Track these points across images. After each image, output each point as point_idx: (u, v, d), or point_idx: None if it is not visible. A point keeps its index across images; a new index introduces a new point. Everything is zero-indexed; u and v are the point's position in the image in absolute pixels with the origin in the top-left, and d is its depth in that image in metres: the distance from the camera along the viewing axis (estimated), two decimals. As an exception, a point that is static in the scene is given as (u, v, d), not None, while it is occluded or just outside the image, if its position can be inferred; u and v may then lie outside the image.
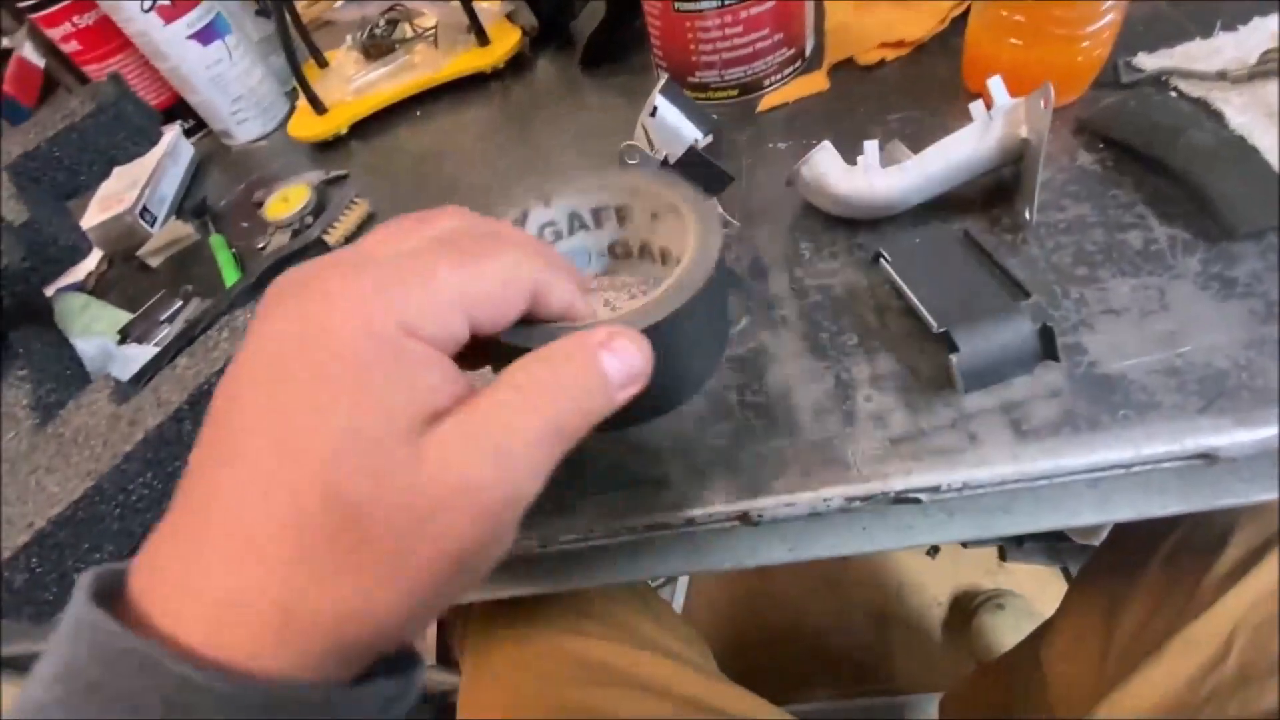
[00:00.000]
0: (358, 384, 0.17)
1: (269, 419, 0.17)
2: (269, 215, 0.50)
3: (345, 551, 0.16)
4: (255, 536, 0.16)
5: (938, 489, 0.27)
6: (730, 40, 0.42)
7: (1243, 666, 0.38)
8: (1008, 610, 0.98)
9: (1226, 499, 0.31)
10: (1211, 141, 0.32)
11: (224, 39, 0.57)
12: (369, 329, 0.17)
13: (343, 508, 0.16)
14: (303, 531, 0.16)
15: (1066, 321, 0.29)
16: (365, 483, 0.16)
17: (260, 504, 0.16)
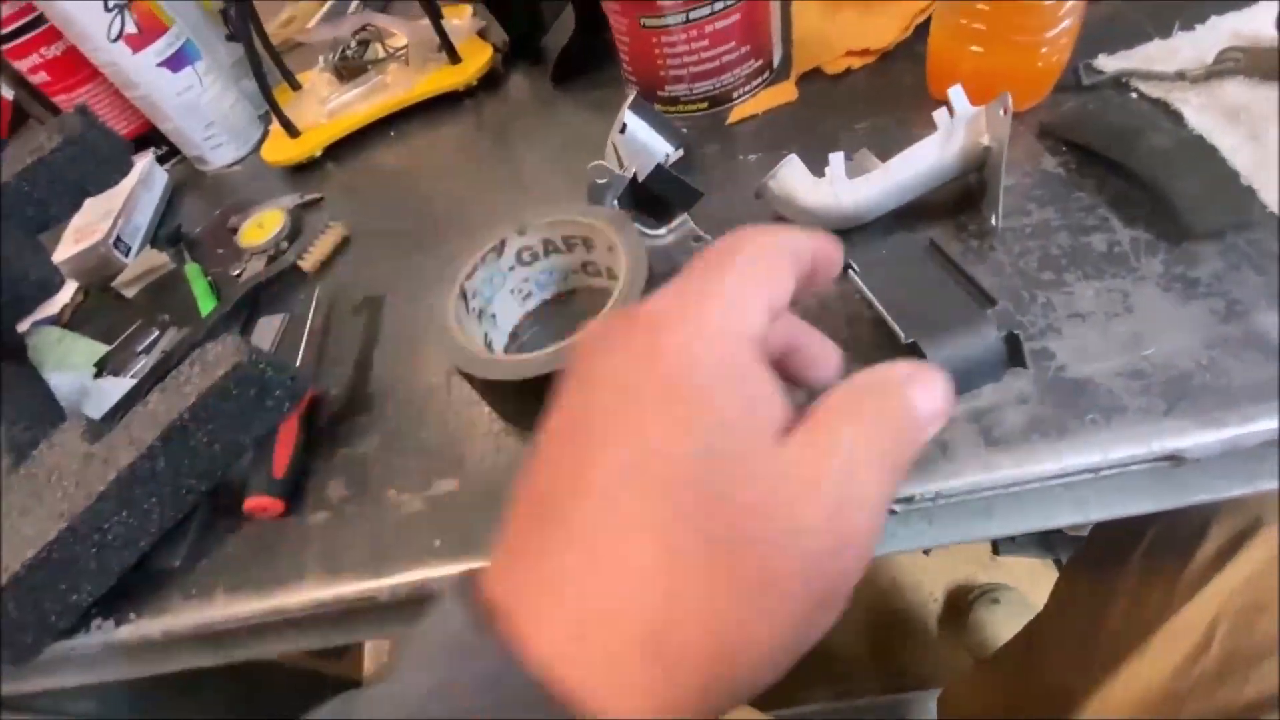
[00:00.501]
0: (712, 400, 0.16)
1: (625, 444, 0.16)
2: (243, 242, 0.50)
3: (723, 578, 0.15)
4: (626, 560, 0.15)
5: (911, 499, 0.27)
6: (697, 54, 0.42)
7: (1225, 656, 0.39)
8: (1003, 604, 0.98)
9: (1199, 495, 0.31)
10: (1170, 143, 0.32)
11: (194, 65, 0.57)
12: (709, 343, 0.17)
13: (719, 530, 0.15)
14: (676, 555, 0.15)
15: (1034, 327, 0.30)
16: (738, 504, 0.16)
17: (630, 532, 0.16)
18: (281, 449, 0.35)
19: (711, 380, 0.17)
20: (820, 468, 0.16)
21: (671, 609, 0.15)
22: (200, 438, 0.33)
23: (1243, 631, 0.38)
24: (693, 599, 0.15)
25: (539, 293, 0.38)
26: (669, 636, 0.15)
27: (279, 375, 0.34)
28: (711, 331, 0.17)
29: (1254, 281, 0.28)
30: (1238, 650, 0.38)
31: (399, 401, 0.38)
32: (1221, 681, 0.38)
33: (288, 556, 0.33)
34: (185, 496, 0.34)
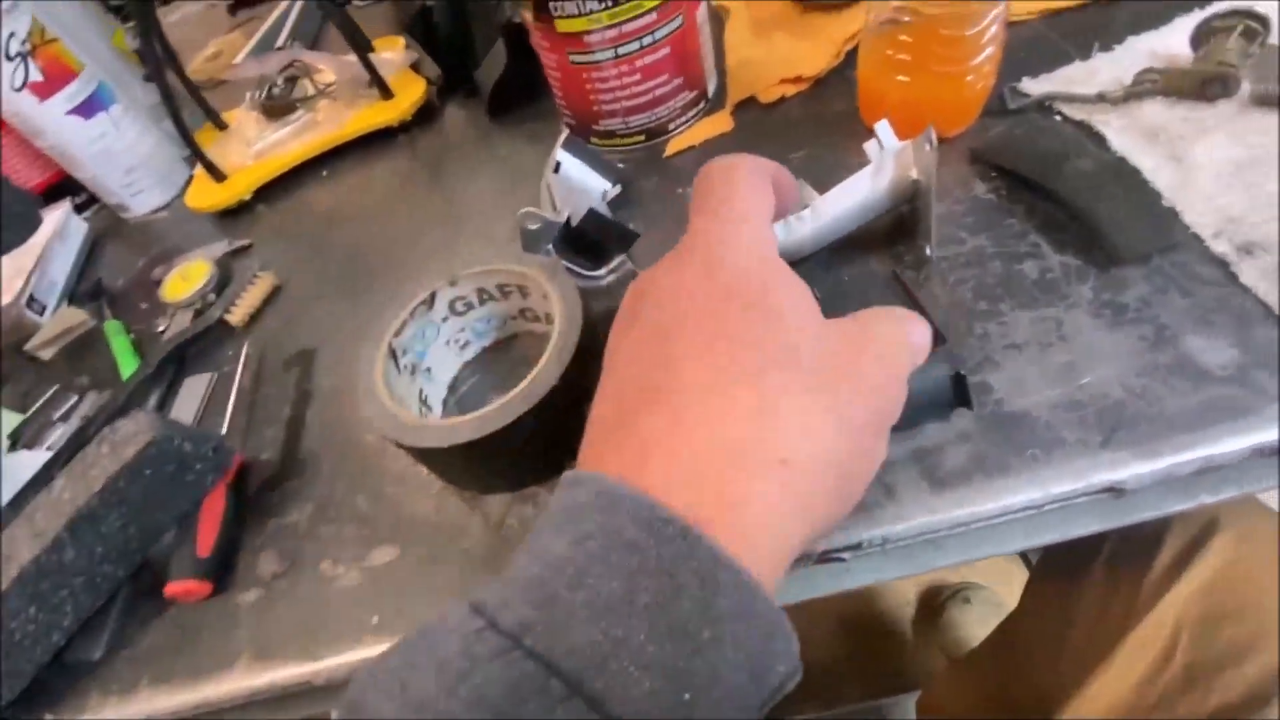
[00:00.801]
0: (771, 295, 0.21)
1: (711, 345, 0.20)
2: (167, 296, 0.47)
3: (805, 401, 0.20)
4: (718, 409, 0.19)
5: (859, 546, 0.27)
6: (629, 89, 0.41)
7: (1188, 666, 0.39)
8: (974, 603, 0.99)
9: (1143, 514, 0.31)
10: (1094, 166, 0.33)
11: (109, 110, 0.54)
12: (752, 257, 0.22)
13: (823, 385, 0.20)
14: (756, 392, 0.20)
15: (972, 359, 0.30)
16: (830, 368, 0.21)
17: (747, 389, 0.20)
18: (206, 525, 0.33)
19: (764, 283, 0.21)
20: (869, 343, 0.22)
21: (776, 435, 0.19)
22: (113, 522, 0.31)
23: (1204, 641, 0.38)
24: (793, 425, 0.19)
25: (477, 341, 0.37)
26: (788, 455, 0.19)
27: (199, 447, 0.32)
28: (749, 247, 0.22)
29: (1180, 305, 0.29)
30: (1200, 660, 0.38)
31: (334, 464, 0.36)
32: (1186, 693, 0.38)
33: (216, 642, 0.31)
34: (101, 585, 0.32)
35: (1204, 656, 0.39)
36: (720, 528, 0.17)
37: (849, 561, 0.28)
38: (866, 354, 0.21)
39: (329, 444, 0.37)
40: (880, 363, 0.22)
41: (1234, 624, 0.38)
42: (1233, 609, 0.39)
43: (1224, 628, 0.39)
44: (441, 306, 0.34)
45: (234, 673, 0.30)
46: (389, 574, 0.31)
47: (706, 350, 0.20)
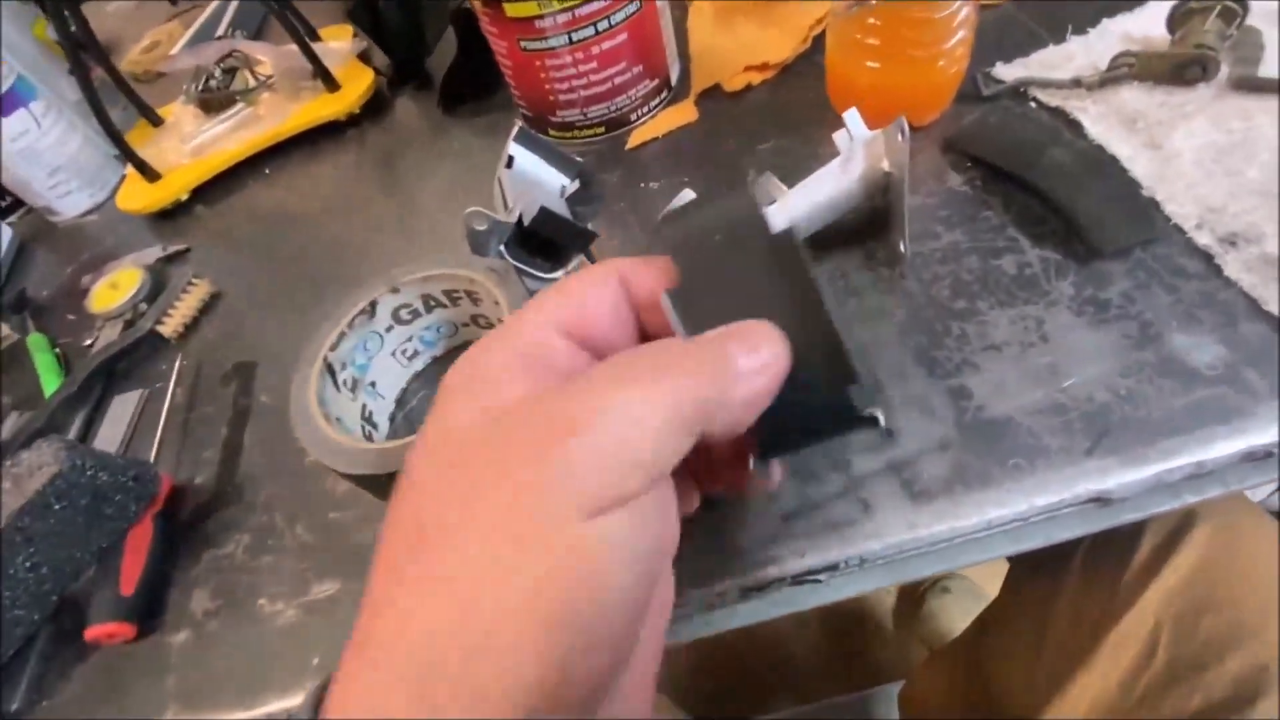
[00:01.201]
0: (438, 416, 0.18)
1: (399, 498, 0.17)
2: (95, 307, 0.44)
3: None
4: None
5: (836, 567, 0.25)
6: (586, 77, 0.39)
7: (1169, 663, 0.38)
8: (954, 593, 0.99)
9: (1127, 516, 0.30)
10: (1071, 156, 0.31)
11: (29, 106, 0.50)
12: (454, 399, 0.18)
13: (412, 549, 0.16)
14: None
15: (950, 362, 0.28)
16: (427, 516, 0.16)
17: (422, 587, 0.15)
18: (131, 560, 0.30)
19: (447, 392, 0.18)
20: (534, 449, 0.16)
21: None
22: (20, 563, 0.28)
23: (1185, 638, 0.38)
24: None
25: (426, 351, 0.34)
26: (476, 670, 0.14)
27: (118, 476, 0.30)
28: (465, 358, 0.18)
29: (1163, 301, 0.27)
30: (1181, 657, 0.38)
31: (273, 489, 0.33)
32: (1167, 691, 0.38)
33: (143, 689, 0.29)
34: (15, 630, 0.29)
35: (1186, 652, 0.38)
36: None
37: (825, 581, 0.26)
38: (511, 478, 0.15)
39: (268, 467, 0.34)
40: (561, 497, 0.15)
41: (1214, 617, 0.38)
42: (1213, 602, 0.38)
43: (1205, 621, 0.38)
44: (384, 315, 0.31)
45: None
46: (331, 610, 0.29)
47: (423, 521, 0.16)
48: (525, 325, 0.19)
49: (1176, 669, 0.38)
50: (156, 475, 0.32)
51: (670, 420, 0.16)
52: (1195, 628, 0.38)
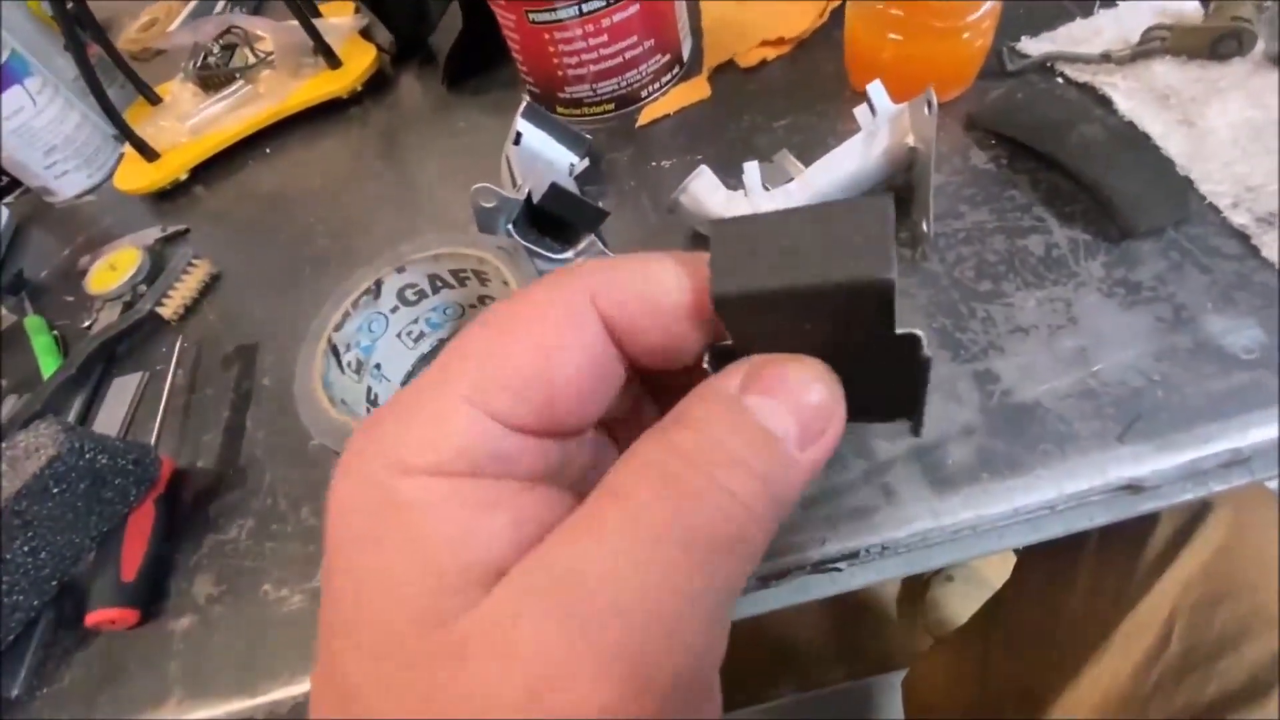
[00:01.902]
0: (348, 569, 0.12)
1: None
2: (93, 288, 0.43)
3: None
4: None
5: (856, 555, 0.24)
6: (596, 51, 0.38)
7: (1185, 652, 0.38)
8: (957, 580, 0.99)
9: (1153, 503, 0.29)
10: (1102, 133, 0.30)
11: (23, 83, 0.49)
12: (345, 500, 0.12)
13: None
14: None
15: (975, 345, 0.27)
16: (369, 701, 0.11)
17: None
18: (132, 545, 0.30)
19: (352, 556, 0.12)
20: (520, 621, 0.10)
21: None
22: (19, 548, 0.27)
23: (1200, 626, 0.37)
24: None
25: (433, 332, 0.34)
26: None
27: (117, 460, 0.29)
28: (358, 474, 0.12)
29: (1198, 282, 0.26)
30: (1197, 646, 0.37)
31: (277, 473, 0.32)
32: (1183, 680, 0.37)
33: (145, 676, 0.28)
34: (13, 615, 0.28)
35: (1201, 640, 0.37)
36: None
37: (845, 570, 0.25)
38: (495, 666, 0.10)
39: (272, 451, 0.33)
40: (518, 675, 0.10)
41: (1231, 605, 0.37)
42: (1229, 590, 0.38)
43: (1221, 610, 0.37)
44: (389, 296, 0.30)
45: (165, 709, 0.27)
46: (337, 596, 0.28)
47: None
48: (449, 419, 0.12)
49: (1191, 657, 0.37)
50: (157, 458, 0.31)
51: (732, 592, 0.11)
52: (1211, 616, 0.37)
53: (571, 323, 0.12)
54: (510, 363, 0.12)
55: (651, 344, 0.13)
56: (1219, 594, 0.38)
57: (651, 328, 0.13)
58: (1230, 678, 0.36)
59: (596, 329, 0.13)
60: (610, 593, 0.10)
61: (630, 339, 0.13)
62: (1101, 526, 0.47)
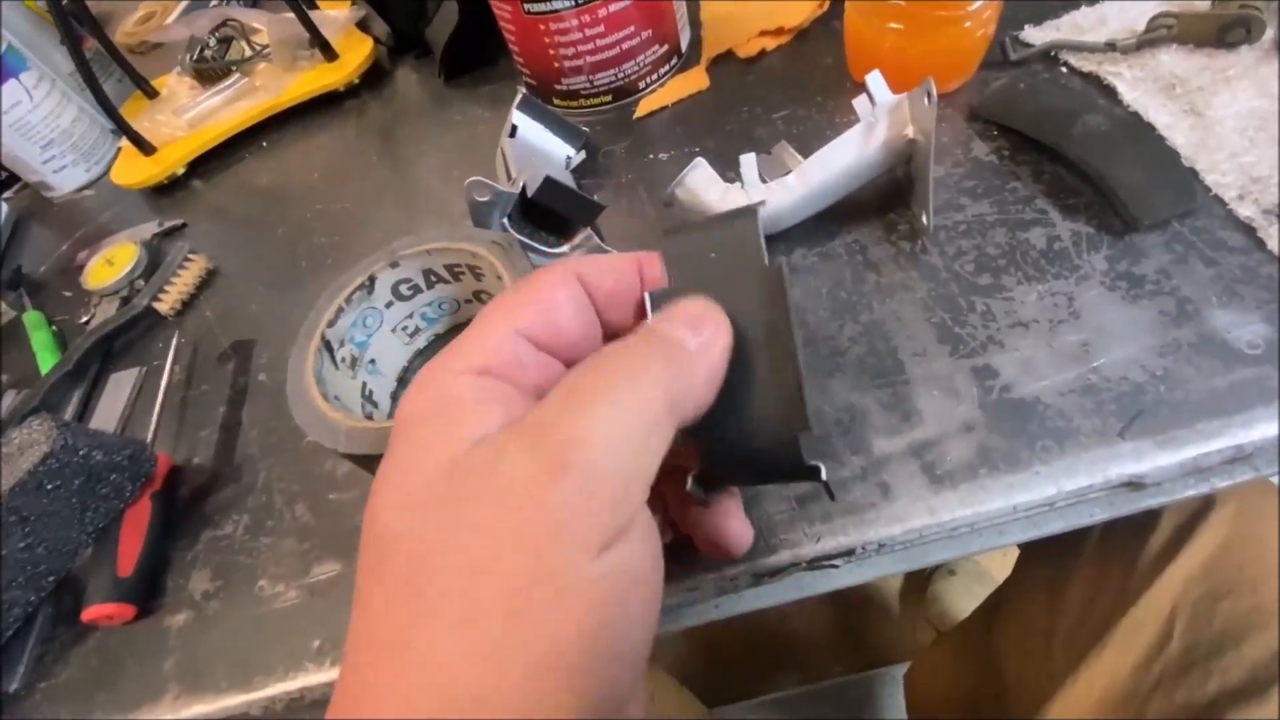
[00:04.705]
0: (391, 452, 0.16)
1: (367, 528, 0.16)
2: (91, 283, 0.43)
3: (394, 608, 0.15)
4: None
5: (852, 552, 0.24)
6: (593, 42, 0.37)
7: (1185, 649, 0.37)
8: (959, 575, 0.99)
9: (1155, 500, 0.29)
10: (1106, 124, 0.29)
11: (19, 77, 0.49)
12: (410, 396, 0.17)
13: (375, 564, 0.15)
14: (359, 597, 0.15)
15: (974, 340, 0.27)
16: (396, 530, 0.15)
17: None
18: (129, 540, 0.30)
19: (407, 431, 0.16)
20: (523, 468, 0.15)
21: (364, 661, 0.15)
22: (15, 545, 0.27)
23: (1202, 622, 0.37)
24: (382, 644, 0.14)
25: (428, 327, 0.33)
26: (372, 702, 0.14)
27: (112, 455, 0.29)
28: (423, 381, 0.17)
29: (1203, 275, 0.26)
30: (1198, 642, 0.37)
31: (272, 469, 0.32)
32: (1183, 676, 0.37)
33: (142, 671, 0.28)
34: (11, 611, 0.28)
35: (1203, 637, 0.37)
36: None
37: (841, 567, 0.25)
38: (509, 495, 0.14)
39: (267, 446, 0.33)
40: (526, 500, 0.14)
41: (1233, 601, 0.37)
42: (1231, 587, 0.37)
43: (1223, 606, 0.37)
44: (383, 291, 0.30)
45: (162, 704, 0.27)
46: (331, 592, 0.28)
47: (369, 552, 0.16)
48: (490, 337, 0.17)
49: (1193, 654, 0.37)
50: (152, 454, 0.31)
51: (648, 426, 0.15)
52: (1213, 613, 0.37)
53: (568, 288, 0.18)
54: (531, 300, 0.18)
55: (617, 318, 0.19)
56: (1221, 591, 0.37)
57: (617, 306, 0.19)
58: (1231, 675, 0.36)
59: (583, 296, 0.19)
60: (566, 429, 0.15)
61: (604, 310, 0.19)
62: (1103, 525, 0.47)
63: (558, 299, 0.18)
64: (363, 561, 0.16)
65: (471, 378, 0.16)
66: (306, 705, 0.26)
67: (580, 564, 0.14)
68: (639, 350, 0.16)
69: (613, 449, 0.15)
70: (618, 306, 0.19)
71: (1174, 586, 0.39)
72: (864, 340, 0.28)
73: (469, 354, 0.17)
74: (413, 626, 0.14)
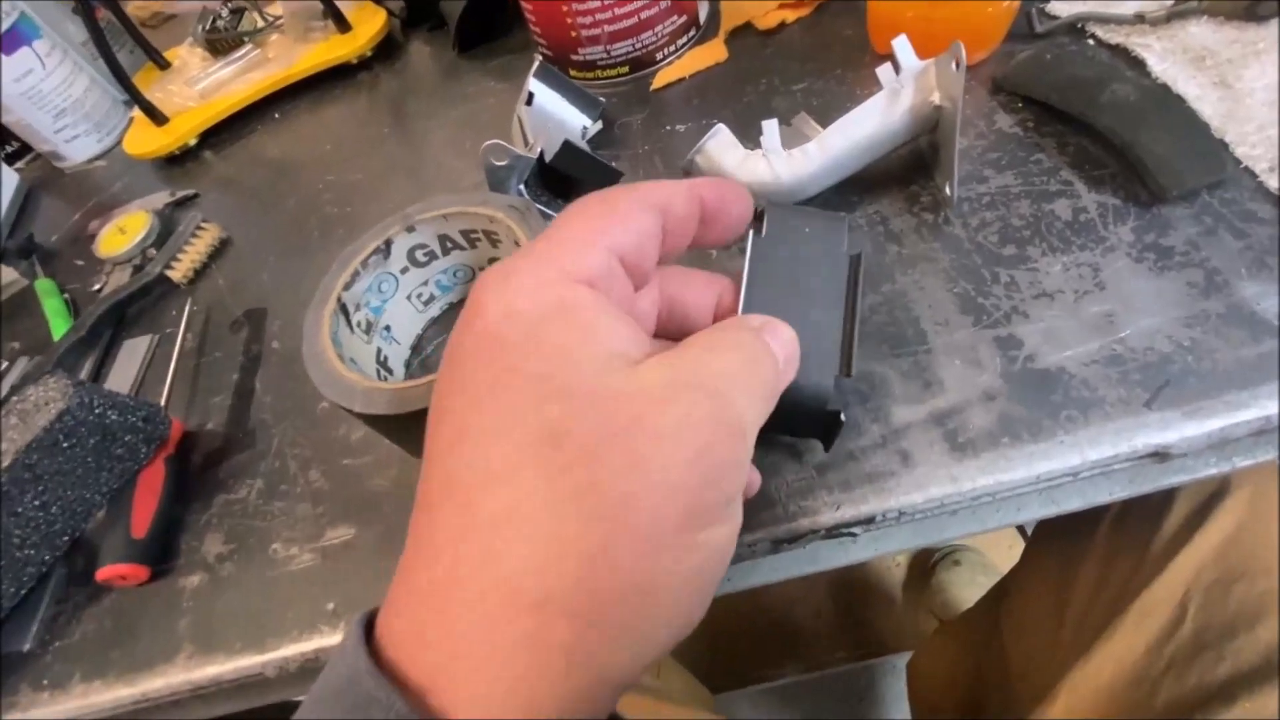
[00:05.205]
0: (535, 344, 0.15)
1: (465, 424, 0.16)
2: (102, 251, 0.43)
3: (561, 505, 0.14)
4: (459, 521, 0.15)
5: (872, 520, 0.24)
6: (611, 11, 0.37)
7: (1198, 631, 0.37)
8: (963, 565, 0.99)
9: (1176, 477, 0.29)
10: (1134, 94, 0.29)
11: (32, 44, 0.49)
12: (528, 292, 0.16)
13: (581, 475, 0.14)
14: (502, 497, 0.15)
15: (998, 310, 0.26)
16: (563, 425, 0.15)
17: (455, 483, 0.15)
18: (143, 502, 0.30)
19: (531, 326, 0.16)
20: (679, 391, 0.15)
21: (556, 575, 0.14)
22: (30, 502, 0.27)
23: (1215, 604, 0.37)
24: (544, 539, 0.14)
25: (443, 296, 0.33)
26: (523, 584, 0.14)
27: (127, 416, 0.29)
28: (529, 281, 0.16)
29: (1232, 247, 0.26)
30: (1211, 624, 0.37)
31: (285, 434, 0.32)
32: (1195, 659, 0.37)
33: (156, 631, 0.28)
34: (25, 569, 0.28)
35: (1216, 620, 0.37)
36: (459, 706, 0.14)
37: (859, 536, 0.25)
38: (670, 420, 0.15)
39: (280, 412, 0.33)
40: (693, 430, 0.15)
41: (1246, 585, 0.37)
42: (1245, 571, 0.37)
43: (1236, 590, 0.37)
44: (399, 256, 0.30)
45: (175, 664, 0.27)
46: (345, 555, 0.28)
47: (459, 426, 0.16)
48: (588, 251, 0.17)
49: (1205, 637, 0.37)
50: (166, 417, 0.31)
51: (762, 417, 0.17)
52: (1226, 596, 0.37)
53: (651, 214, 0.18)
54: (622, 219, 0.18)
55: (672, 247, 0.20)
56: (1234, 574, 0.37)
57: (677, 239, 0.19)
58: (1243, 658, 0.36)
59: (660, 226, 0.18)
60: (722, 385, 0.16)
61: (670, 240, 0.19)
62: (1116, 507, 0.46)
63: (645, 224, 0.18)
64: (512, 417, 0.15)
65: (585, 288, 0.16)
66: (320, 667, 0.26)
67: (719, 518, 0.16)
68: (763, 351, 0.18)
69: (752, 426, 0.17)
70: (678, 240, 0.19)
71: (1187, 570, 0.38)
72: (884, 310, 0.27)
73: (567, 263, 0.16)
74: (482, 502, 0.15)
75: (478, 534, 0.15)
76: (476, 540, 0.15)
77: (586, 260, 0.17)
